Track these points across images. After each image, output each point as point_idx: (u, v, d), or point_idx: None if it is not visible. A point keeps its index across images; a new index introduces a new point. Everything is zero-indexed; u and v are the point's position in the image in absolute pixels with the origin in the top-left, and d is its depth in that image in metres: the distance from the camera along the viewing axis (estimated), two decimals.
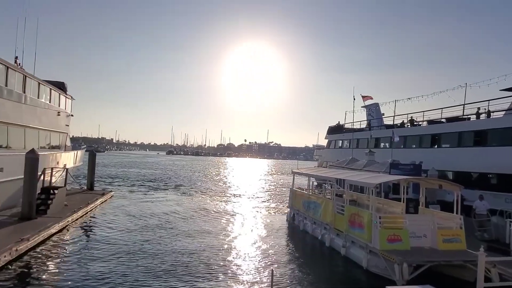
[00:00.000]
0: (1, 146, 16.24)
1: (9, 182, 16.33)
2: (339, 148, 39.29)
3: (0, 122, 16.01)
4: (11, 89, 16.90)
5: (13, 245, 11.28)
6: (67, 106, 26.26)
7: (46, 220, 15.20)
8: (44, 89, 21.51)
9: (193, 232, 16.91)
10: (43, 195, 17.27)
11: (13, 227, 13.69)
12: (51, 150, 22.50)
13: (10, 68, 16.87)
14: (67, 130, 26.67)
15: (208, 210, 23.54)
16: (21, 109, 18.12)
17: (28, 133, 18.86)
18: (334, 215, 14.90)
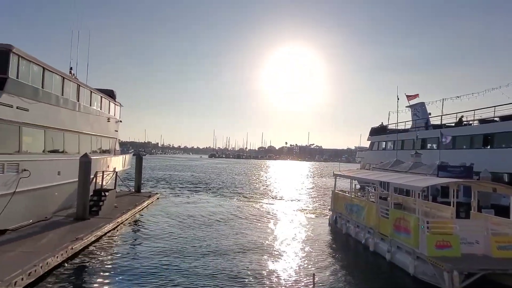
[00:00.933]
0: (58, 151, 17.43)
1: (65, 185, 17.48)
2: (382, 150, 38.12)
3: (57, 128, 17.19)
4: (66, 98, 18.14)
5: (69, 244, 12.08)
6: (116, 113, 27.69)
7: (98, 220, 16.11)
8: (96, 97, 22.85)
9: (234, 234, 17.12)
10: (95, 197, 18.31)
11: (69, 227, 14.65)
12: (102, 154, 23.81)
13: (65, 79, 18.12)
14: (116, 135, 28.09)
15: (250, 212, 23.75)
16: (75, 116, 19.38)
17: (81, 138, 20.11)
18: (378, 219, 14.50)
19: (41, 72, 15.64)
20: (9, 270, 9.08)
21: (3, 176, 12.81)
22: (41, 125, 15.69)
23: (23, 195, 13.85)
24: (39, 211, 15.48)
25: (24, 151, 14.39)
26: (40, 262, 9.99)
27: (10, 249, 11.04)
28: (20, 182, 13.62)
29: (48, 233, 13.41)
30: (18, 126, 13.96)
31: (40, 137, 15.86)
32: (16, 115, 13.74)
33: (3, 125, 13.04)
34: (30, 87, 14.66)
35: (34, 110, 14.89)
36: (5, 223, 12.83)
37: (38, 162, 15.09)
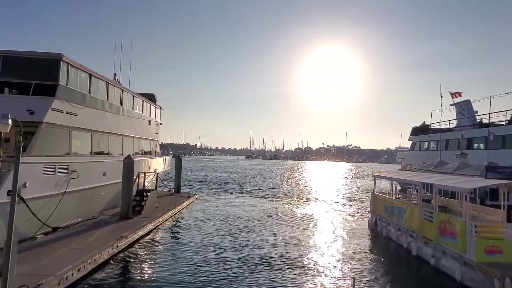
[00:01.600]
0: (104, 153, 18.29)
1: (111, 185, 18.31)
2: (425, 150, 36.60)
3: (103, 132, 18.06)
4: (111, 103, 19.02)
5: (115, 242, 12.65)
6: (156, 116, 28.63)
7: (141, 220, 16.73)
8: (137, 101, 23.77)
9: (273, 235, 17.10)
10: (138, 197, 19.03)
11: (114, 226, 15.34)
12: (144, 156, 24.71)
13: (110, 84, 19.01)
14: (157, 137, 29.04)
15: (287, 213, 23.67)
16: (119, 120, 20.26)
17: (125, 141, 20.99)
18: (422, 222, 13.95)
19: (88, 78, 16.51)
20: (61, 265, 9.67)
21: (54, 177, 13.64)
22: (88, 128, 16.56)
23: (72, 195, 14.67)
24: (87, 210, 16.33)
25: (73, 153, 15.25)
26: (88, 258, 10.55)
27: (61, 245, 11.75)
28: (70, 183, 14.44)
29: (95, 231, 14.13)
30: (68, 130, 14.82)
31: (87, 140, 16.73)
32: (66, 120, 14.59)
33: (54, 129, 13.89)
34: (78, 93, 15.52)
35: (82, 114, 15.74)
36: (57, 221, 13.65)
37: (86, 164, 15.92)
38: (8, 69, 13.89)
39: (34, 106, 13.11)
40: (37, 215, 12.43)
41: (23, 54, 14.03)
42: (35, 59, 14.16)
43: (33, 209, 12.17)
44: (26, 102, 13.23)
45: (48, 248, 11.45)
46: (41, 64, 14.28)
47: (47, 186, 13.19)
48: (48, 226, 13.12)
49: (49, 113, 13.38)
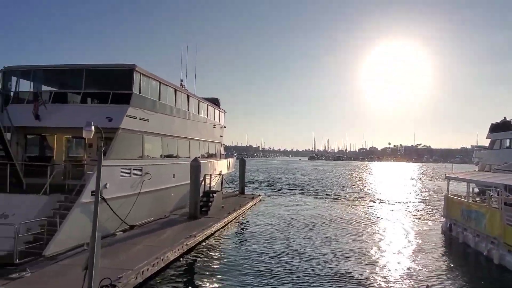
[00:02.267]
0: (173, 156, 19.35)
1: (179, 187, 19.30)
2: (506, 149, 33.28)
3: (172, 136, 19.12)
4: (178, 108, 20.08)
5: (184, 240, 13.31)
6: (220, 119, 29.60)
7: (208, 220, 17.40)
8: (203, 106, 24.79)
9: (338, 238, 16.72)
10: (204, 198, 19.81)
11: (183, 225, 16.15)
12: (209, 158, 25.65)
13: (178, 91, 20.10)
14: (221, 140, 30.00)
15: (352, 216, 23.01)
16: (186, 124, 21.31)
17: (191, 144, 22.00)
18: (504, 228, 12.72)
19: (158, 86, 17.61)
20: (137, 260, 10.43)
21: (130, 179, 14.75)
22: (159, 133, 17.65)
23: (146, 195, 15.73)
24: (159, 210, 17.40)
25: (146, 156, 16.35)
26: (161, 255, 11.23)
27: (137, 242, 12.67)
28: (143, 184, 15.50)
29: (166, 229, 15.01)
30: (141, 135, 15.94)
31: (158, 144, 17.84)
32: (139, 125, 15.70)
33: (129, 135, 15.03)
34: (149, 100, 16.62)
35: (153, 120, 16.82)
36: (133, 220, 14.73)
37: (157, 166, 16.98)
38: (89, 81, 15.35)
39: (112, 114, 14.30)
40: (117, 214, 13.52)
41: (101, 66, 15.40)
42: (112, 71, 15.47)
43: (113, 208, 13.27)
44: (105, 110, 14.47)
45: (126, 244, 12.41)
46: (117, 74, 15.57)
47: (124, 187, 14.30)
48: (127, 224, 14.22)
49: (125, 119, 14.50)
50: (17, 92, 15.74)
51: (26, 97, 15.53)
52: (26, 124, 14.59)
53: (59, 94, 15.50)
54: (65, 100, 15.70)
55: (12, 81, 15.78)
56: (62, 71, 15.68)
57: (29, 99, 15.34)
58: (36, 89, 15.92)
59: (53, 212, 11.72)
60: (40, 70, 15.72)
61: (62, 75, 16.28)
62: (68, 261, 10.28)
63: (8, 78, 15.62)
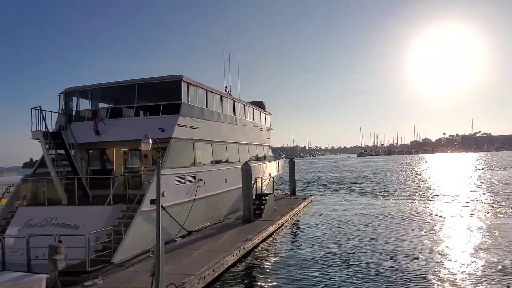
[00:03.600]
0: (223, 161, 19.67)
1: (232, 191, 19.57)
2: None
3: (221, 141, 19.46)
4: (226, 114, 20.42)
5: (241, 244, 13.45)
6: (267, 122, 29.68)
7: (262, 222, 17.46)
8: (248, 110, 25.01)
9: (402, 237, 15.75)
10: (257, 201, 19.92)
11: (238, 229, 16.33)
12: (258, 161, 25.78)
13: (223, 97, 20.46)
14: (269, 142, 30.05)
15: (411, 213, 21.94)
16: (233, 129, 21.61)
17: (240, 148, 22.25)
18: None
19: (204, 94, 18.04)
20: (198, 266, 10.69)
21: (185, 186, 15.20)
22: (209, 140, 18.04)
23: (201, 201, 16.12)
24: (214, 215, 17.76)
25: (198, 163, 16.77)
26: (220, 260, 11.43)
27: (196, 247, 13.01)
28: (197, 190, 15.90)
29: (223, 234, 15.27)
30: (192, 143, 16.38)
31: (208, 150, 18.23)
32: (190, 134, 16.15)
33: (181, 143, 15.50)
34: (198, 108, 17.06)
35: (202, 127, 17.23)
36: (190, 225, 15.16)
37: (209, 172, 17.34)
38: (141, 95, 16.08)
39: (164, 124, 14.85)
40: (176, 220, 13.98)
41: (151, 80, 16.04)
42: (161, 83, 16.07)
43: (171, 215, 13.74)
44: (158, 121, 15.07)
45: (186, 250, 12.78)
46: (166, 86, 16.16)
47: (180, 194, 14.75)
48: (185, 229, 14.66)
49: (176, 129, 14.99)
50: (78, 111, 16.87)
51: (86, 115, 16.60)
52: (88, 140, 15.57)
53: (115, 109, 16.41)
54: (121, 114, 16.57)
55: (73, 101, 16.93)
56: (116, 87, 16.55)
57: (89, 117, 16.38)
58: (95, 107, 16.96)
59: (118, 221, 12.35)
60: (96, 88, 16.70)
61: (117, 92, 17.18)
62: (135, 267, 10.79)
63: (69, 99, 16.78)
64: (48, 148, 14.58)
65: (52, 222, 12.36)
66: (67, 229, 11.99)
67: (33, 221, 12.63)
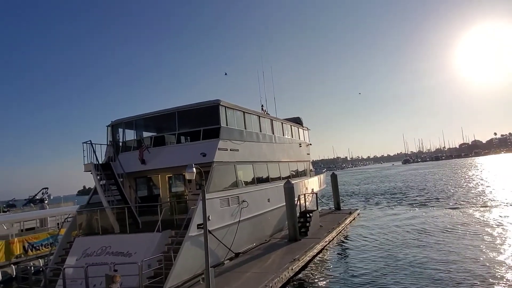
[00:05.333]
0: (264, 181, 19.70)
1: (275, 210, 19.50)
2: None
3: (262, 161, 19.56)
4: (264, 133, 20.58)
5: (289, 265, 13.30)
6: (305, 137, 29.52)
7: (308, 241, 17.19)
8: (286, 127, 25.04)
9: (458, 253, 14.62)
10: (301, 218, 19.68)
11: (285, 248, 16.18)
12: (300, 178, 25.55)
13: (261, 117, 20.68)
14: (309, 158, 29.78)
15: (470, 224, 20.53)
16: (273, 147, 21.68)
17: (281, 166, 22.22)
18: None
19: (242, 116, 18.33)
20: None
21: (230, 209, 15.37)
22: (249, 160, 18.20)
23: (246, 222, 16.19)
24: (259, 235, 17.75)
25: (240, 185, 16.94)
26: (269, 282, 11.36)
27: (245, 270, 13.02)
28: (242, 212, 16.02)
29: (270, 254, 15.19)
30: (233, 165, 16.61)
31: (250, 171, 18.37)
32: (231, 156, 16.41)
33: (223, 166, 15.77)
34: (237, 130, 17.35)
35: (242, 149, 17.46)
36: (237, 247, 15.25)
37: (252, 193, 17.44)
38: (182, 122, 16.63)
39: (205, 149, 15.22)
40: (223, 243, 14.12)
41: (190, 106, 16.56)
42: (200, 109, 16.53)
43: (218, 237, 13.91)
44: (199, 146, 15.47)
45: (235, 272, 12.83)
46: (204, 112, 16.61)
47: (225, 217, 14.93)
48: (233, 252, 14.76)
49: (217, 153, 15.30)
50: (124, 141, 17.74)
51: (132, 145, 17.41)
52: (135, 169, 16.27)
53: (158, 137, 17.05)
54: (163, 142, 17.18)
55: (119, 132, 17.85)
56: (158, 117, 17.24)
57: (134, 146, 17.16)
58: (139, 137, 17.75)
59: (167, 247, 12.69)
60: (140, 119, 17.51)
61: (158, 121, 17.89)
62: None
63: (116, 131, 17.72)
64: (99, 179, 15.39)
65: (106, 251, 12.94)
66: (120, 257, 12.51)
67: (90, 250, 13.30)
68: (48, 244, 18.72)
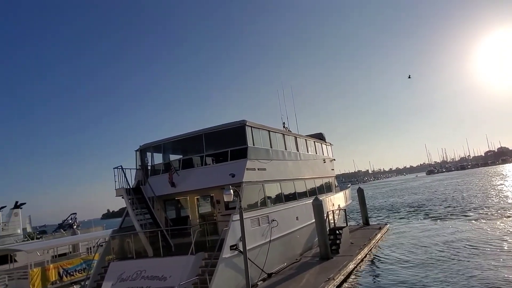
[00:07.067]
0: (292, 199, 19.57)
1: (304, 228, 19.29)
2: None
3: (288, 179, 19.50)
4: (289, 151, 20.59)
5: (324, 285, 13.06)
6: (329, 153, 29.34)
7: (341, 259, 16.87)
8: (310, 143, 24.98)
9: (501, 269, 14.01)
10: (331, 236, 19.37)
11: (318, 267, 15.91)
12: (326, 194, 25.28)
13: (285, 135, 20.74)
14: (333, 173, 29.50)
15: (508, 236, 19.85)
16: (298, 164, 21.61)
17: (307, 183, 22.07)
18: None
19: (267, 135, 18.43)
20: None
21: (260, 228, 15.30)
22: (276, 179, 18.18)
23: (276, 242, 16.06)
24: (290, 254, 17.53)
25: (269, 204, 16.89)
26: None
27: None
28: (272, 231, 15.91)
29: (303, 274, 14.96)
30: (261, 184, 16.61)
31: (277, 189, 18.32)
32: (258, 176, 16.43)
33: (252, 186, 15.79)
34: (263, 149, 17.42)
35: (269, 168, 17.47)
36: (269, 268, 15.09)
37: (280, 212, 17.34)
38: (209, 143, 16.84)
39: (233, 170, 15.31)
40: (256, 264, 14.00)
41: (216, 128, 16.77)
42: (226, 130, 16.73)
43: (250, 258, 13.81)
44: (227, 167, 15.58)
45: None
46: (231, 133, 16.79)
47: (256, 237, 14.85)
48: (265, 272, 14.61)
49: (245, 173, 15.35)
50: (153, 165, 18.06)
51: (160, 168, 17.70)
52: (165, 192, 16.48)
53: (186, 160, 17.29)
54: (191, 164, 17.39)
55: (147, 156, 18.20)
56: (185, 139, 17.52)
57: (163, 169, 17.44)
58: (168, 160, 18.05)
59: (201, 270, 12.69)
60: (167, 142, 17.83)
61: (186, 143, 18.17)
62: None
63: (144, 155, 18.08)
64: (131, 203, 15.65)
65: (141, 275, 13.03)
66: (156, 281, 12.57)
67: (125, 275, 13.43)
68: (82, 269, 19.01)
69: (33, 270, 17.10)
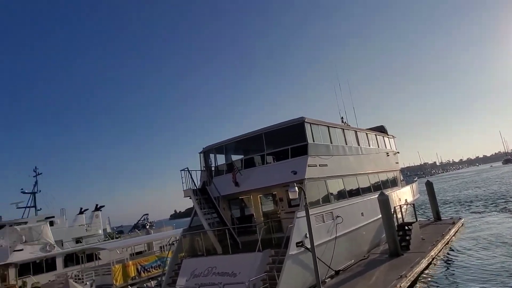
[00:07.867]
0: (356, 194, 19.13)
1: (369, 224, 18.76)
2: None
3: (350, 174, 19.09)
4: (350, 146, 20.15)
5: (396, 282, 12.63)
6: (392, 146, 28.17)
7: (412, 255, 16.16)
8: (371, 137, 24.20)
9: None
10: (400, 231, 18.60)
11: (387, 264, 15.40)
12: (391, 188, 24.31)
13: (345, 129, 20.33)
14: (398, 167, 28.28)
15: None
16: (360, 159, 21.06)
17: (370, 178, 21.43)
18: None
19: (326, 130, 18.21)
20: None
21: (325, 225, 15.19)
22: (338, 174, 17.89)
23: (342, 238, 15.82)
24: (357, 251, 17.17)
25: (332, 200, 16.69)
26: None
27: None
28: (337, 228, 15.71)
29: (373, 271, 14.58)
30: (324, 180, 16.47)
31: (340, 185, 18.03)
32: (320, 172, 16.31)
33: (314, 182, 15.72)
34: (323, 145, 17.25)
35: (330, 163, 17.26)
36: (336, 265, 14.93)
37: (344, 208, 17.04)
38: (269, 142, 17.07)
39: (295, 167, 15.36)
40: (323, 261, 13.94)
41: (276, 127, 16.93)
42: (285, 128, 16.80)
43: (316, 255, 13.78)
44: (288, 165, 15.67)
45: None
46: (290, 130, 16.83)
47: (322, 233, 14.76)
48: (333, 269, 14.49)
49: (307, 170, 15.33)
50: (216, 166, 18.72)
51: (224, 169, 18.29)
52: (230, 192, 17.02)
53: (248, 160, 17.68)
54: (253, 163, 17.74)
55: (211, 158, 18.91)
56: (246, 139, 17.92)
57: (226, 170, 18.01)
58: (230, 160, 18.60)
59: (269, 266, 12.92)
60: (229, 143, 18.38)
61: (246, 143, 18.57)
62: None
63: (207, 156, 18.80)
64: (198, 203, 16.39)
65: (213, 272, 13.62)
66: (226, 277, 13.06)
67: (197, 271, 14.13)
68: (157, 266, 20.31)
69: (115, 267, 18.62)
